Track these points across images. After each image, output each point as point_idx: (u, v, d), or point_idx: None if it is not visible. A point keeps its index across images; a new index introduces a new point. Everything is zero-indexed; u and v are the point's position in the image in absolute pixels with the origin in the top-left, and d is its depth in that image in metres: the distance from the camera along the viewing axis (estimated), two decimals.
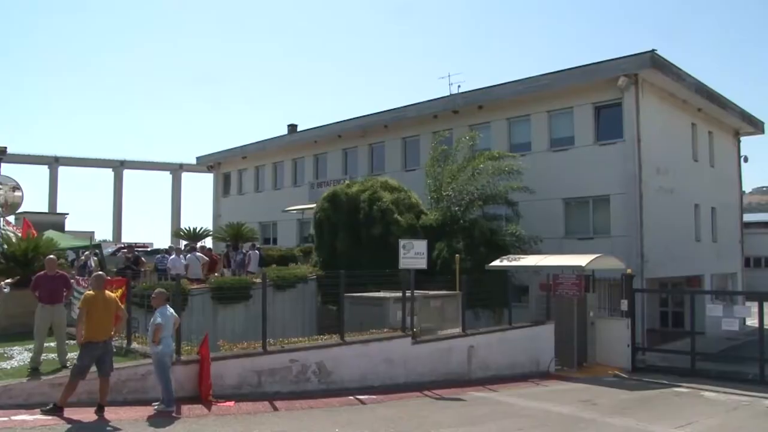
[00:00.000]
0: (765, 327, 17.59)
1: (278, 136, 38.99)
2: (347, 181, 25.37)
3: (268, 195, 39.27)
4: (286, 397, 11.98)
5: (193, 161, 49.65)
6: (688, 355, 18.69)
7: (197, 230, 30.37)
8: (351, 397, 12.59)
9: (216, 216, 43.08)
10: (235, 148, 41.78)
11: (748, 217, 48.99)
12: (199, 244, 27.64)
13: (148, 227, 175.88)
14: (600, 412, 12.57)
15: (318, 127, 35.86)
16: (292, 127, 39.47)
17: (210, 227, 35.99)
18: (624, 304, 19.41)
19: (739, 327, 20.24)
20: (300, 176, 37.37)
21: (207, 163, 45.43)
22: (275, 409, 11.10)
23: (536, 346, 17.78)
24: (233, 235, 28.75)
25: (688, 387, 16.45)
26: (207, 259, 21.94)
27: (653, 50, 22.43)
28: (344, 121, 33.92)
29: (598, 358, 19.27)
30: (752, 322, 20.33)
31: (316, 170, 36.21)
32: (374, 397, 12.82)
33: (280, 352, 12.56)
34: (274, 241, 37.65)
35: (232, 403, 11.04)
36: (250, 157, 40.63)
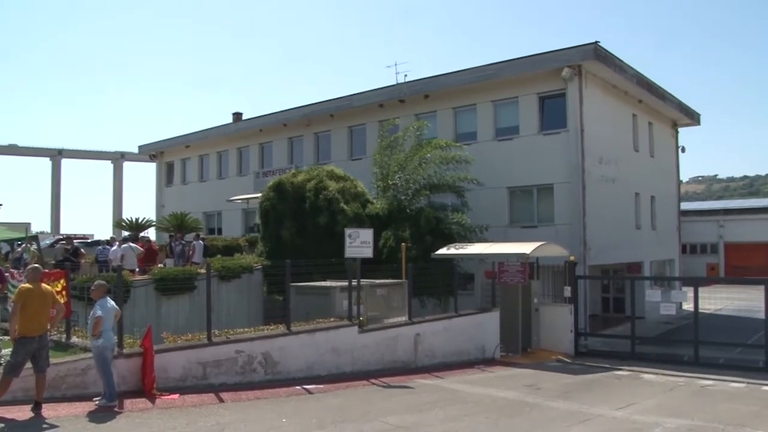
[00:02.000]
0: (699, 311, 18.21)
1: (223, 125, 38.38)
2: (293, 171, 25.13)
3: (213, 184, 38.68)
4: (232, 389, 11.85)
5: (135, 150, 48.57)
6: (629, 340, 19.17)
7: (140, 221, 29.80)
8: (298, 387, 12.53)
9: (159, 206, 42.25)
10: (178, 136, 40.96)
11: (685, 206, 50.48)
12: (141, 235, 27.16)
13: (89, 218, 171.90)
14: (544, 396, 12.77)
15: (263, 115, 35.44)
16: (237, 116, 38.87)
17: (153, 217, 35.35)
18: (567, 291, 19.76)
19: (676, 311, 20.85)
20: (245, 165, 36.90)
21: (149, 152, 44.47)
22: (221, 400, 10.97)
23: (482, 333, 17.96)
24: (177, 226, 28.29)
25: (628, 370, 16.85)
26: (142, 250, 21.53)
27: (596, 42, 22.78)
28: (290, 109, 33.59)
29: (542, 344, 19.57)
30: (688, 306, 20.94)
31: (262, 159, 35.81)
32: (321, 386, 12.78)
33: (225, 343, 12.41)
34: (219, 231, 37.14)
35: (176, 396, 10.86)
36: (194, 146, 39.91)
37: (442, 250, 19.98)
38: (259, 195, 24.84)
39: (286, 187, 22.51)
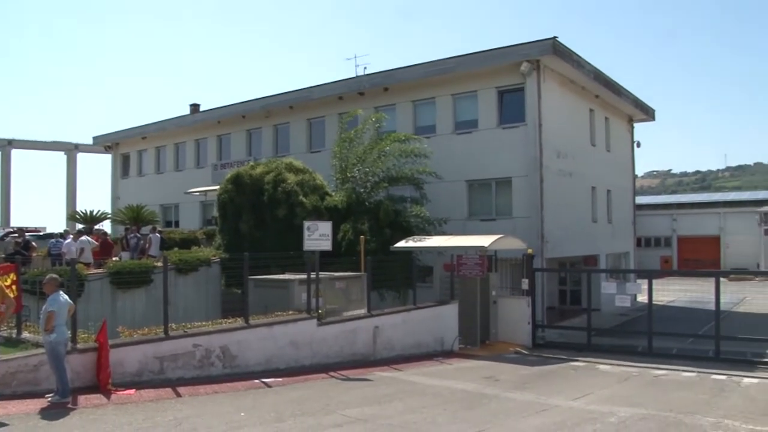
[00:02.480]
0: (653, 302, 18.59)
1: (180, 116, 37.75)
2: (251, 163, 24.91)
3: (170, 177, 38.10)
4: (190, 383, 11.73)
5: (90, 141, 47.57)
6: (585, 331, 19.46)
7: (94, 213, 29.24)
8: (256, 381, 12.46)
9: (115, 198, 41.44)
10: (134, 127, 40.20)
11: (640, 200, 51.60)
12: (96, 228, 26.66)
13: (41, 210, 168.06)
14: (502, 388, 12.91)
15: (221, 107, 34.96)
16: (195, 107, 38.31)
17: (108, 210, 34.71)
18: (525, 283, 19.97)
19: (631, 303, 21.25)
20: (203, 157, 36.41)
21: (104, 144, 43.57)
22: (178, 395, 10.85)
23: (440, 326, 18.06)
24: (133, 218, 27.83)
25: (584, 361, 17.12)
26: (96, 243, 21.14)
27: (555, 37, 22.98)
28: (248, 101, 33.24)
29: (500, 336, 19.77)
30: (643, 298, 21.38)
31: (220, 151, 35.37)
32: (280, 379, 12.74)
33: (182, 337, 12.26)
34: (176, 224, 36.61)
35: (132, 391, 10.70)
36: (151, 137, 39.23)
37: (401, 243, 20.01)
38: (218, 187, 24.58)
39: (245, 179, 22.31)
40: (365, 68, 31.15)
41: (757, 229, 52.96)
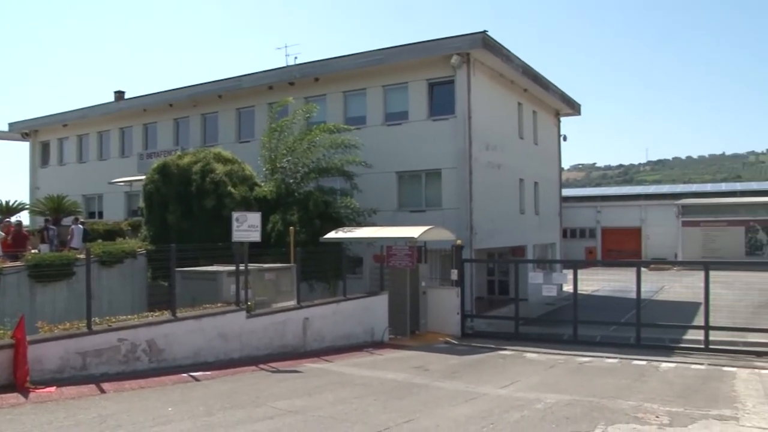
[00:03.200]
0: (579, 292, 19.13)
1: (104, 104, 36.55)
2: (179, 152, 24.38)
3: (93, 166, 36.93)
4: (115, 379, 11.38)
5: (5, 128, 45.60)
6: (513, 320, 19.88)
7: (11, 203, 28.06)
8: (185, 375, 12.19)
9: (33, 188, 39.92)
10: (54, 114, 38.76)
11: (566, 192, 52.84)
12: (14, 219, 25.59)
13: None
14: (432, 377, 13.01)
15: (147, 95, 34.08)
16: (119, 94, 37.13)
17: (26, 200, 33.41)
18: (454, 274, 20.22)
19: (557, 293, 21.84)
20: (128, 146, 35.42)
21: (21, 131, 41.80)
22: (102, 391, 10.50)
23: (371, 317, 18.11)
24: (53, 209, 26.85)
25: (512, 350, 17.47)
26: (3, 234, 20.32)
27: (485, 31, 23.26)
28: (175, 89, 32.49)
29: (430, 326, 19.95)
30: (568, 287, 21.95)
31: (146, 140, 34.49)
32: (209, 373, 12.51)
33: (107, 331, 11.88)
34: (100, 215, 35.55)
35: (53, 389, 10.30)
36: (72, 124, 37.88)
37: (331, 234, 19.94)
38: (143, 177, 23.97)
39: (172, 169, 21.83)
40: (296, 58, 31.04)
41: (675, 221, 55.05)
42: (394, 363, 15.07)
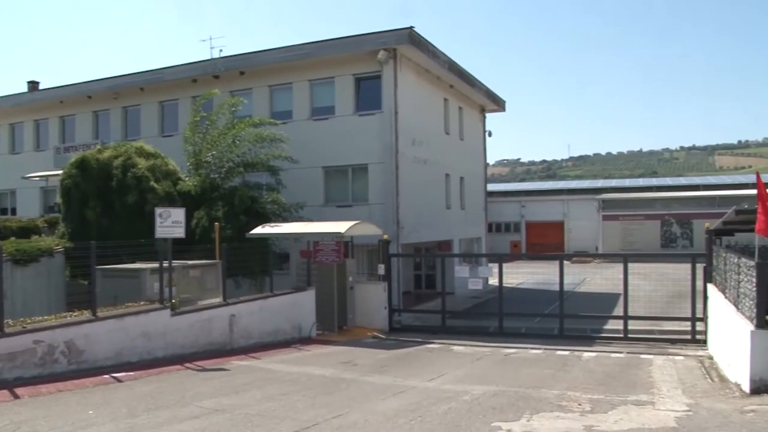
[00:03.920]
0: (504, 285, 19.50)
1: (16, 94, 35.03)
2: (98, 146, 23.60)
3: (5, 160, 35.27)
4: (30, 383, 10.95)
5: None
6: (440, 314, 20.10)
7: None
8: (106, 376, 11.87)
9: None
10: None
11: (491, 187, 53.80)
12: None
13: None
14: (360, 372, 13.05)
15: (64, 86, 32.77)
16: (33, 85, 35.63)
17: None
18: (381, 269, 20.32)
19: (483, 286, 22.13)
20: (43, 140, 34.02)
21: None
22: (17, 396, 10.09)
23: (298, 313, 18.01)
24: None
25: (439, 343, 17.65)
26: None
27: (411, 27, 23.36)
28: (95, 80, 31.40)
29: (357, 321, 19.97)
30: (494, 281, 22.36)
31: (63, 133, 33.23)
32: (132, 373, 12.21)
33: (21, 333, 11.42)
34: (13, 211, 34.09)
35: None
36: None
37: (257, 230, 19.71)
38: (61, 172, 23.12)
39: (91, 163, 21.13)
40: (221, 51, 30.43)
41: (596, 215, 56.88)
42: (322, 359, 15.04)
